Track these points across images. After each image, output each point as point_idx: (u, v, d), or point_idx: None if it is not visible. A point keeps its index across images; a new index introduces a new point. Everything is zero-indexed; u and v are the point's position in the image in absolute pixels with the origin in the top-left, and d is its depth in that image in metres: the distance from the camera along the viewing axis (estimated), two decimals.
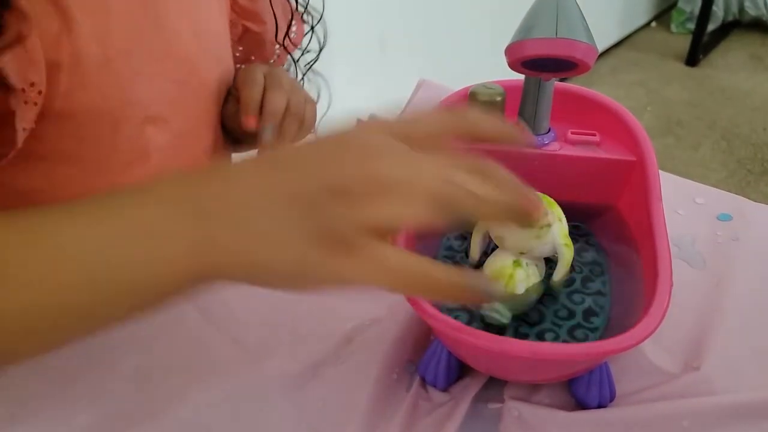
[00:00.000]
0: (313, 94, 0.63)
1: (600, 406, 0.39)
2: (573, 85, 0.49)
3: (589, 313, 0.41)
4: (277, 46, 0.65)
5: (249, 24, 0.62)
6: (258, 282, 0.29)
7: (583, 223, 0.48)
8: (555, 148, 0.46)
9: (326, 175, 0.28)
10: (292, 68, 0.68)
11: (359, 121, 0.32)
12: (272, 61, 0.66)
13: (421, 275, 0.28)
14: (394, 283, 0.28)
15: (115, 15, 0.42)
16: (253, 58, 0.65)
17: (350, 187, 0.27)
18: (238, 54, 0.64)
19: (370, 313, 0.45)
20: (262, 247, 0.28)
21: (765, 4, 2.85)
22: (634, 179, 0.44)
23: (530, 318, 0.41)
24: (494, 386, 0.40)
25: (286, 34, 0.65)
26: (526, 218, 0.30)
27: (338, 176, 0.28)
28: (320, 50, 0.66)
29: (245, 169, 0.30)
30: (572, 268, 0.42)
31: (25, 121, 0.38)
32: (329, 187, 0.27)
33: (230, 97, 0.56)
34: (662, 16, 3.19)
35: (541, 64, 0.41)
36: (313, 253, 0.27)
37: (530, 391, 0.40)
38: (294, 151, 0.30)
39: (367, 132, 0.30)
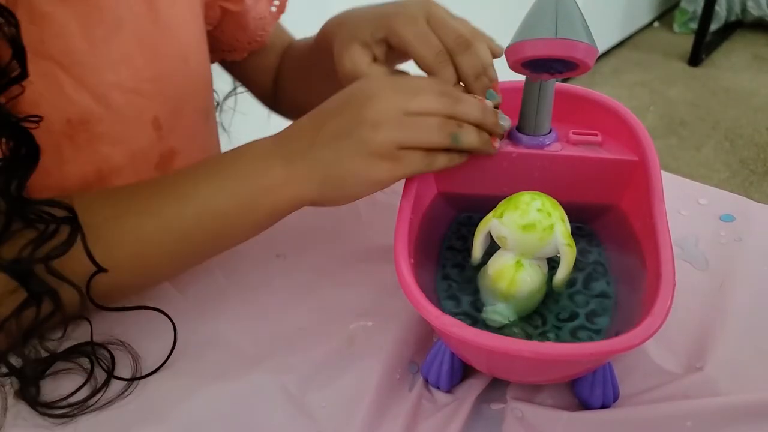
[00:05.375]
0: None
1: (603, 407, 0.38)
2: (574, 86, 0.49)
3: (592, 315, 0.40)
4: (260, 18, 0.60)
5: (226, 4, 0.57)
6: (331, 194, 0.42)
7: (585, 223, 0.48)
8: (557, 148, 0.45)
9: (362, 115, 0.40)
10: None
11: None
12: (259, 37, 0.62)
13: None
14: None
15: None
16: (237, 40, 0.61)
17: (382, 119, 0.40)
18: (217, 43, 0.61)
19: (372, 313, 0.45)
20: (331, 168, 0.41)
21: None
22: (636, 180, 0.44)
23: (532, 319, 0.41)
24: (497, 387, 0.40)
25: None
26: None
27: (371, 113, 0.40)
28: None
29: (303, 123, 0.42)
30: (575, 268, 0.42)
31: None
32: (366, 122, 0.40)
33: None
34: (665, 16, 3.19)
35: (542, 64, 0.41)
36: (365, 163, 0.40)
37: (533, 391, 0.40)
38: (334, 102, 0.42)
39: (373, 80, 0.43)
